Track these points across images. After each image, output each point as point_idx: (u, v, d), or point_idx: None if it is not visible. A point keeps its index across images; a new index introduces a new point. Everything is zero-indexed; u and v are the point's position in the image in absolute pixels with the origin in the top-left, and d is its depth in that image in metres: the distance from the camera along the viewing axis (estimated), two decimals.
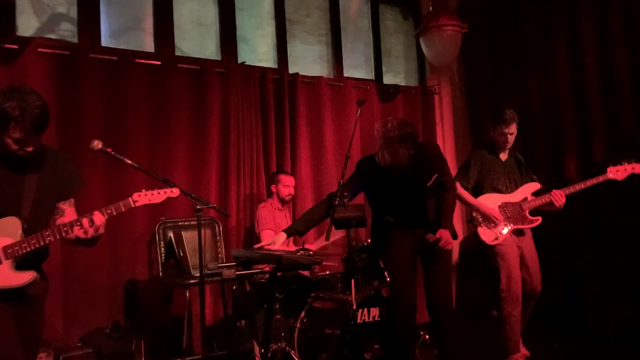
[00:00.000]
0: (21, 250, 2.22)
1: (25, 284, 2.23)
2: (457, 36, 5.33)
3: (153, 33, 4.57)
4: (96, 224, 2.27)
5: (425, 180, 3.33)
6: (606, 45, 4.70)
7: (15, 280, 2.22)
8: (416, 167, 3.31)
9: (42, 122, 2.18)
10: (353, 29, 5.82)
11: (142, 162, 3.94)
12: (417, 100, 5.87)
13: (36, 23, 4.14)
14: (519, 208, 3.88)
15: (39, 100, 2.18)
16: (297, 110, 4.98)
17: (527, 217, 3.87)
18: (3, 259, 2.20)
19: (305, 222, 3.45)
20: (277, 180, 4.41)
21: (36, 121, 2.15)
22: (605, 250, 4.69)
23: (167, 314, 4.03)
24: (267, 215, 4.28)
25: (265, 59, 5.17)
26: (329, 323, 3.54)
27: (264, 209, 4.32)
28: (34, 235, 2.23)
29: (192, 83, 4.50)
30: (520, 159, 4.10)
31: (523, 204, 3.88)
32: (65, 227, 2.26)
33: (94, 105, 4.06)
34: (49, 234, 2.25)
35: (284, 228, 4.31)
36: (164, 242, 4.00)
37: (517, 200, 3.91)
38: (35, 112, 2.14)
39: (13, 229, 2.23)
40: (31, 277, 2.24)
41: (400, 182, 3.33)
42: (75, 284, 3.89)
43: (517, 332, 3.83)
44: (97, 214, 2.28)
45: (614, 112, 4.66)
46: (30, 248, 2.23)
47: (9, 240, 2.21)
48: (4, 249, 2.20)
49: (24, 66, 3.80)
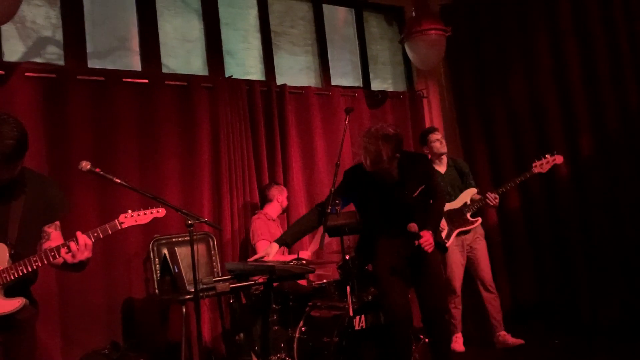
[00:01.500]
0: (9, 277, 2.19)
1: (15, 310, 2.21)
2: (441, 40, 5.38)
3: (139, 51, 4.60)
4: (81, 246, 2.24)
5: (410, 191, 3.26)
6: (586, 40, 4.77)
7: (5, 307, 2.20)
8: (402, 176, 3.25)
9: (13, 153, 2.11)
10: (338, 37, 5.87)
11: (133, 180, 4.00)
12: (405, 105, 5.91)
13: (22, 48, 4.16)
14: (460, 212, 4.37)
15: (15, 130, 2.12)
16: (287, 120, 5.01)
17: (468, 220, 4.37)
18: None
19: (294, 234, 3.41)
20: (280, 190, 4.53)
21: (6, 153, 2.09)
22: (598, 244, 4.73)
23: (165, 331, 4.03)
24: (261, 226, 4.30)
25: (252, 71, 5.20)
26: (327, 331, 3.53)
27: (258, 220, 4.34)
28: (21, 261, 2.21)
29: (180, 99, 4.52)
30: (462, 167, 4.52)
31: (464, 208, 4.37)
32: (53, 252, 2.24)
33: (83, 126, 4.07)
34: (36, 259, 2.23)
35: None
36: (158, 259, 4.00)
37: (459, 206, 4.39)
38: (7, 143, 2.08)
39: (0, 256, 2.21)
40: (20, 304, 2.22)
41: (385, 192, 3.26)
42: (71, 305, 3.89)
43: (457, 316, 4.38)
44: (83, 237, 2.26)
45: (597, 107, 4.73)
46: (19, 274, 2.21)
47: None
48: None
49: (11, 91, 3.82)
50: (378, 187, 3.27)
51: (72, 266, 2.30)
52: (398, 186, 3.25)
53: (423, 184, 3.28)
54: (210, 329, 4.33)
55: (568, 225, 4.92)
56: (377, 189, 3.28)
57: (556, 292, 5.03)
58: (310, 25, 5.65)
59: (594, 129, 4.77)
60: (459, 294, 4.39)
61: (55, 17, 4.26)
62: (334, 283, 3.93)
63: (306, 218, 3.48)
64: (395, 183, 3.25)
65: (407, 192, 3.25)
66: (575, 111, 4.87)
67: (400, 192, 3.25)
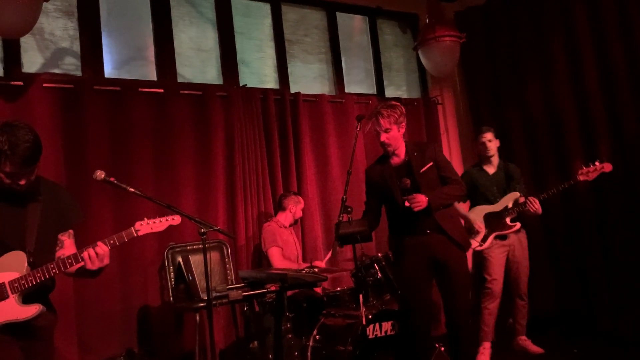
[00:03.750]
0: (27, 284, 2.25)
1: (32, 317, 2.26)
2: (456, 46, 5.36)
3: (155, 61, 4.66)
4: (100, 254, 2.29)
5: (418, 167, 3.36)
6: (603, 46, 4.71)
7: (22, 313, 2.25)
8: (409, 156, 3.41)
9: (30, 156, 2.20)
10: (352, 45, 5.88)
11: (149, 189, 4.04)
12: (420, 111, 5.88)
13: (40, 59, 4.24)
14: (500, 216, 4.30)
15: (30, 134, 2.21)
16: (300, 128, 5.02)
17: (507, 224, 4.29)
18: (10, 293, 2.23)
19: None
20: (294, 200, 4.52)
21: (25, 155, 2.17)
22: (617, 252, 4.65)
23: (179, 339, 4.04)
24: (272, 233, 4.33)
25: (267, 80, 5.23)
26: (341, 340, 3.52)
27: (268, 227, 4.36)
28: (39, 268, 2.26)
29: (195, 108, 4.56)
30: (513, 171, 4.44)
31: (504, 212, 4.29)
32: (70, 260, 2.29)
33: (100, 136, 4.13)
34: (54, 266, 2.27)
35: (291, 245, 4.36)
36: (173, 267, 4.02)
37: (499, 209, 4.32)
38: (24, 146, 2.17)
39: (19, 263, 2.26)
40: (37, 310, 2.27)
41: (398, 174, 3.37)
42: (87, 313, 3.93)
43: (489, 323, 4.30)
44: (100, 244, 2.31)
45: (615, 113, 4.65)
46: (36, 281, 2.26)
47: (15, 275, 2.25)
48: (10, 283, 2.24)
49: (30, 102, 3.89)
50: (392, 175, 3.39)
51: (89, 273, 2.34)
52: (406, 166, 3.39)
53: (430, 161, 3.39)
54: (224, 337, 4.33)
55: (587, 233, 4.84)
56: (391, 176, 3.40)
57: (575, 301, 4.95)
58: (324, 33, 5.67)
59: (612, 135, 4.70)
60: (497, 298, 4.28)
61: (72, 28, 4.34)
62: (348, 291, 3.92)
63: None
64: (403, 163, 3.41)
65: (415, 168, 3.34)
66: (593, 117, 4.80)
67: (409, 170, 3.35)
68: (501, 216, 4.28)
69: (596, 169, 4.07)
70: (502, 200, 4.32)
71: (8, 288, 2.23)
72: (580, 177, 4.09)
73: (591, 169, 4.07)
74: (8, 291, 2.23)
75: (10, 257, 2.26)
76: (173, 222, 2.54)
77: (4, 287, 2.23)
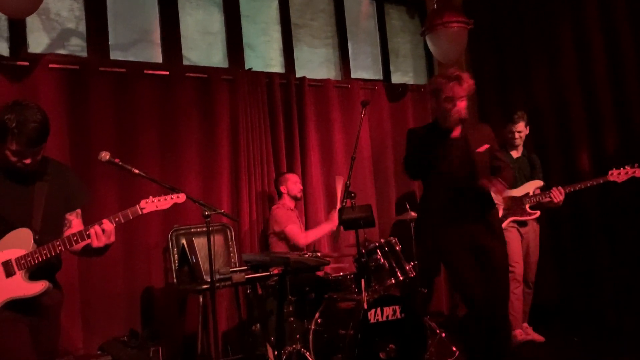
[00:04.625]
0: (33, 261, 2.27)
1: (38, 293, 2.28)
2: (463, 32, 5.31)
3: (160, 44, 4.64)
4: (106, 230, 2.31)
5: (475, 145, 3.20)
6: (612, 35, 4.65)
7: (29, 290, 2.27)
8: (466, 133, 3.22)
9: (38, 136, 2.22)
10: (359, 30, 5.84)
11: (154, 171, 4.06)
12: (426, 98, 5.83)
13: (46, 39, 4.23)
14: (520, 201, 4.26)
15: (38, 114, 2.23)
16: (306, 113, 5.01)
17: (526, 210, 4.24)
18: (16, 270, 2.26)
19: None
20: (285, 180, 4.46)
21: (31, 135, 2.19)
22: (623, 246, 4.63)
23: (182, 320, 4.08)
24: (284, 213, 4.34)
25: (273, 64, 5.21)
26: (343, 324, 3.55)
27: (278, 209, 4.37)
28: (45, 245, 2.29)
29: (201, 91, 4.56)
30: (535, 161, 4.44)
31: (524, 198, 4.25)
32: (75, 237, 2.31)
33: (105, 117, 4.14)
34: (59, 243, 2.30)
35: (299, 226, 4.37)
36: (177, 249, 4.05)
37: (520, 194, 4.27)
38: (32, 126, 2.18)
39: (25, 240, 2.29)
40: (43, 287, 2.29)
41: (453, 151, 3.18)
42: (92, 293, 3.97)
43: (517, 309, 4.22)
44: (105, 222, 2.33)
45: (623, 104, 4.61)
46: (42, 258, 2.28)
47: (21, 252, 2.27)
48: (16, 260, 2.26)
49: (36, 82, 3.89)
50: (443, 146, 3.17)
51: (94, 251, 2.36)
52: (464, 142, 3.19)
53: (488, 143, 3.27)
54: (227, 319, 4.37)
55: (594, 226, 4.81)
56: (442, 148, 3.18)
57: (580, 293, 4.94)
58: (331, 17, 5.63)
59: (619, 126, 4.65)
60: (521, 282, 4.26)
61: (78, 9, 4.33)
62: (350, 276, 3.94)
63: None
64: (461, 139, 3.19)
65: (472, 147, 3.19)
66: (600, 107, 4.75)
67: (466, 147, 3.18)
68: (521, 202, 4.24)
69: (627, 173, 3.95)
70: (523, 186, 4.29)
71: (14, 265, 2.26)
72: (610, 178, 3.97)
73: (622, 171, 3.95)
74: (15, 268, 2.26)
75: (17, 235, 2.28)
76: (178, 201, 2.55)
77: (11, 263, 2.26)
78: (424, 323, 3.71)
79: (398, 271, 3.88)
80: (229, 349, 4.23)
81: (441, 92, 3.14)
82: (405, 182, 5.55)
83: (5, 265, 2.26)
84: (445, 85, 3.13)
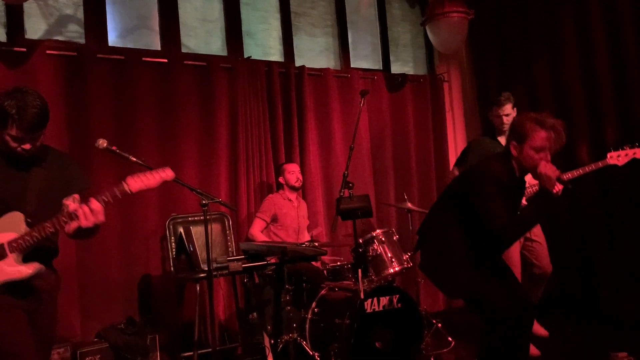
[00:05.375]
0: (25, 243, 2.26)
1: (30, 275, 2.27)
2: (464, 22, 5.28)
3: (159, 31, 4.61)
4: (94, 209, 2.25)
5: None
6: (614, 26, 4.62)
7: (20, 272, 2.27)
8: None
9: (37, 121, 2.23)
10: (359, 19, 5.80)
11: (152, 159, 4.04)
12: (426, 88, 5.83)
13: (44, 25, 4.20)
14: None
15: (38, 100, 2.24)
16: (305, 102, 4.99)
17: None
18: (8, 252, 2.25)
19: None
20: (282, 170, 4.48)
21: (31, 120, 2.21)
22: (620, 236, 4.64)
23: (180, 309, 4.10)
24: (268, 204, 4.36)
25: (272, 52, 5.18)
26: (339, 313, 3.56)
27: (267, 200, 4.41)
28: (35, 227, 2.27)
29: (199, 79, 4.54)
30: None
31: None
32: (64, 217, 2.28)
33: (103, 105, 4.12)
34: (49, 224, 2.26)
35: (290, 218, 4.38)
36: (174, 238, 4.05)
37: None
38: (32, 112, 2.20)
39: (17, 224, 2.28)
40: (35, 269, 2.28)
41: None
42: (90, 280, 3.98)
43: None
44: (92, 200, 2.28)
45: (624, 95, 4.59)
46: (33, 240, 2.26)
47: (13, 235, 2.27)
48: (8, 243, 2.26)
49: (33, 68, 3.87)
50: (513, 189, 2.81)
51: (84, 232, 2.31)
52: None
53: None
54: (224, 308, 4.39)
55: (591, 216, 4.82)
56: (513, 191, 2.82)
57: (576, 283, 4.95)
58: (331, 6, 5.59)
59: (619, 118, 4.64)
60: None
61: None
62: (348, 265, 3.95)
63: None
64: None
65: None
66: (601, 99, 4.74)
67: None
68: None
69: (627, 154, 3.74)
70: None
71: (6, 248, 2.26)
72: (610, 161, 3.76)
73: (622, 153, 3.74)
74: (6, 250, 2.25)
75: (9, 219, 2.29)
76: (166, 178, 2.49)
77: (3, 247, 2.25)
78: (421, 313, 3.72)
79: (395, 261, 3.89)
80: (226, 337, 4.25)
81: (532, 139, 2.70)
82: (404, 173, 5.54)
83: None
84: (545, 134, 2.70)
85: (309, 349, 3.58)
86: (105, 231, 3.91)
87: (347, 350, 3.38)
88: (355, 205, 3.29)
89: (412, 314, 3.62)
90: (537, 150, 2.67)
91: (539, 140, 2.66)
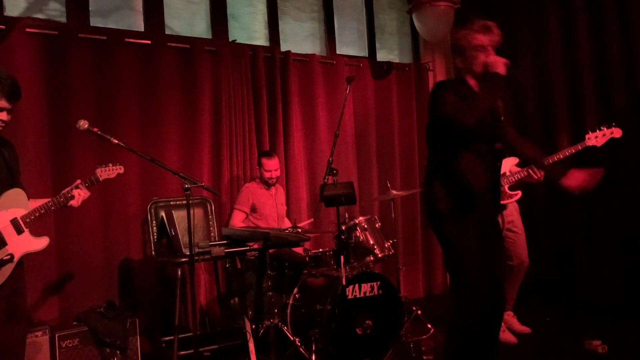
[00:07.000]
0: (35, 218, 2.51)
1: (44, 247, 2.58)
2: (450, 11, 5.29)
3: (142, 12, 4.53)
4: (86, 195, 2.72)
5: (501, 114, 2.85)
6: (597, 18, 4.68)
7: (37, 245, 2.56)
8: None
9: (17, 90, 2.41)
10: (346, 5, 5.77)
11: (134, 141, 4.00)
12: (411, 77, 5.83)
13: (23, 2, 4.10)
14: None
15: (7, 71, 2.43)
16: (289, 88, 4.96)
17: (506, 192, 3.87)
18: (24, 228, 2.47)
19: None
20: (260, 164, 4.40)
21: (12, 85, 2.38)
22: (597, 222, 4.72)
23: (160, 292, 4.07)
24: (245, 194, 4.34)
25: (257, 36, 5.13)
26: (321, 299, 3.58)
27: (244, 190, 4.38)
28: (41, 205, 2.54)
29: (183, 62, 4.47)
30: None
31: (502, 179, 3.71)
32: (62, 198, 2.60)
33: (84, 86, 4.04)
34: (51, 204, 2.56)
35: (269, 207, 4.36)
36: (155, 222, 4.02)
37: None
38: (11, 80, 2.39)
39: (22, 200, 2.50)
40: (47, 241, 2.59)
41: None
42: (69, 263, 3.94)
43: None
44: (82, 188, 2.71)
45: (604, 85, 4.66)
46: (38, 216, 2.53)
47: (23, 211, 2.48)
48: (22, 218, 2.47)
49: (12, 47, 3.78)
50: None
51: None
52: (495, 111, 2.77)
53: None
54: (205, 293, 4.38)
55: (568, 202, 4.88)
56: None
57: (554, 269, 5.04)
58: None
59: (600, 109, 4.70)
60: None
61: None
62: (329, 252, 3.96)
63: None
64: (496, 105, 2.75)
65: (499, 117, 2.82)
66: (583, 90, 4.80)
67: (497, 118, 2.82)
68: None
69: (605, 134, 3.61)
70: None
71: (21, 223, 2.47)
72: (588, 142, 3.63)
73: (599, 133, 3.61)
74: (22, 226, 2.47)
75: (12, 195, 2.46)
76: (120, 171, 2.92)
77: (18, 221, 2.46)
78: (401, 300, 3.75)
79: (377, 248, 3.91)
80: (206, 322, 4.24)
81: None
82: (388, 161, 5.56)
83: (14, 223, 2.46)
84: (481, 34, 2.69)
85: (290, 334, 3.59)
86: (85, 214, 3.87)
87: (327, 335, 3.40)
88: (339, 192, 3.29)
89: (393, 300, 3.65)
90: (478, 51, 2.67)
91: (475, 42, 2.66)
